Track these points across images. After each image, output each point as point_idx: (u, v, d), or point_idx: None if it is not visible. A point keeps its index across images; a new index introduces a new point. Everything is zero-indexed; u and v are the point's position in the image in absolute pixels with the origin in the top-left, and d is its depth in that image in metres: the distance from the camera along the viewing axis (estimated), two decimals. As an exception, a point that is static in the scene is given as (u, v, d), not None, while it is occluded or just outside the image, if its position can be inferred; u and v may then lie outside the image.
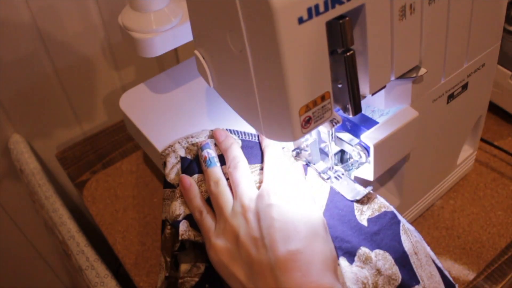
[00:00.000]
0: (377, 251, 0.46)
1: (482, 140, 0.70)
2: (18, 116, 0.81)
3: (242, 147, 0.53)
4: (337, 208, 0.48)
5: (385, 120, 0.48)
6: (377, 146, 0.46)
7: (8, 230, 0.91)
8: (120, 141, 0.81)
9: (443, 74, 0.49)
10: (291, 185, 0.46)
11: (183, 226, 0.48)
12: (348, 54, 0.37)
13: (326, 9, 0.34)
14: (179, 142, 0.55)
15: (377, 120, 0.51)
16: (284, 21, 0.33)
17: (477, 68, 0.53)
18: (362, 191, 0.49)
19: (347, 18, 0.35)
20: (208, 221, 0.47)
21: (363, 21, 0.37)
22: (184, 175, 0.51)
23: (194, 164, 0.53)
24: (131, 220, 0.68)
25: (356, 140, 0.49)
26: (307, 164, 0.53)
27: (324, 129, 0.50)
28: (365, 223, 0.47)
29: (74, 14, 0.76)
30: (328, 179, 0.51)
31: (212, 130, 0.55)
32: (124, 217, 0.68)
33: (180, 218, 0.49)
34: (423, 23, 0.42)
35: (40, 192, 0.75)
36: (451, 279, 0.45)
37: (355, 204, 0.48)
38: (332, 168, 0.52)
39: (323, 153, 0.53)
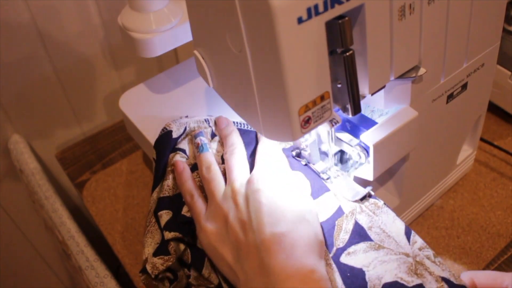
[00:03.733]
0: None
1: (481, 139, 0.70)
2: (18, 116, 0.81)
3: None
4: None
5: (385, 120, 0.48)
6: (376, 146, 0.47)
7: (8, 230, 0.91)
8: (120, 141, 0.81)
9: (443, 74, 0.49)
10: (280, 173, 0.47)
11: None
12: (347, 54, 0.37)
13: (326, 9, 0.34)
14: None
15: (377, 120, 0.51)
16: (283, 21, 0.33)
17: (476, 68, 0.53)
18: (362, 191, 0.49)
19: (346, 18, 0.35)
20: (199, 204, 0.48)
21: (362, 21, 0.37)
22: (178, 160, 0.52)
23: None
24: (131, 220, 0.68)
25: (355, 141, 0.49)
26: (307, 164, 0.53)
27: (323, 129, 0.50)
28: None
29: (74, 14, 0.76)
30: (327, 179, 0.51)
31: (215, 118, 0.57)
32: (123, 217, 0.68)
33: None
34: (422, 23, 0.42)
35: (40, 192, 0.75)
36: None
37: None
38: (332, 168, 0.52)
39: (323, 153, 0.53)
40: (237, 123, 0.55)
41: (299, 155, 0.54)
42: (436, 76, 0.49)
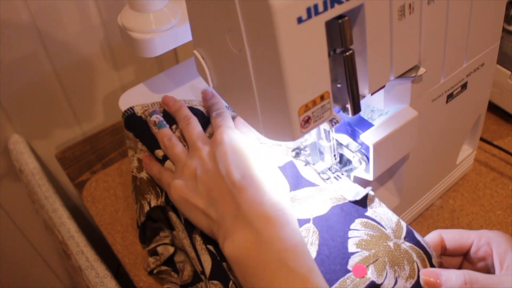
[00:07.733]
0: None
1: (481, 139, 0.70)
2: (17, 116, 0.81)
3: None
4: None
5: (385, 120, 0.48)
6: (376, 146, 0.47)
7: (8, 230, 0.91)
8: (120, 141, 0.81)
9: (443, 74, 0.49)
10: (236, 131, 0.52)
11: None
12: (347, 54, 0.38)
13: (325, 8, 0.34)
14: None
15: (377, 120, 0.51)
16: (283, 21, 0.33)
17: (476, 68, 0.53)
18: (362, 191, 0.49)
19: (346, 18, 0.35)
20: (167, 173, 0.52)
21: (362, 20, 0.37)
22: (143, 155, 0.56)
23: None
24: (131, 220, 0.68)
25: (356, 146, 0.50)
26: (306, 164, 0.53)
27: (323, 130, 0.50)
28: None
29: (73, 14, 0.76)
30: (327, 179, 0.51)
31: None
32: (123, 217, 0.68)
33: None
34: (422, 23, 0.42)
35: (39, 192, 0.75)
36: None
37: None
38: (332, 168, 0.52)
39: (323, 153, 0.53)
40: (183, 100, 0.58)
41: (298, 155, 0.54)
42: (436, 75, 0.49)
